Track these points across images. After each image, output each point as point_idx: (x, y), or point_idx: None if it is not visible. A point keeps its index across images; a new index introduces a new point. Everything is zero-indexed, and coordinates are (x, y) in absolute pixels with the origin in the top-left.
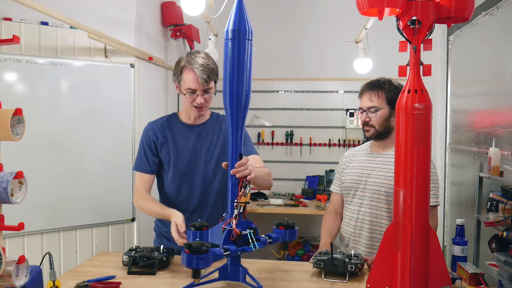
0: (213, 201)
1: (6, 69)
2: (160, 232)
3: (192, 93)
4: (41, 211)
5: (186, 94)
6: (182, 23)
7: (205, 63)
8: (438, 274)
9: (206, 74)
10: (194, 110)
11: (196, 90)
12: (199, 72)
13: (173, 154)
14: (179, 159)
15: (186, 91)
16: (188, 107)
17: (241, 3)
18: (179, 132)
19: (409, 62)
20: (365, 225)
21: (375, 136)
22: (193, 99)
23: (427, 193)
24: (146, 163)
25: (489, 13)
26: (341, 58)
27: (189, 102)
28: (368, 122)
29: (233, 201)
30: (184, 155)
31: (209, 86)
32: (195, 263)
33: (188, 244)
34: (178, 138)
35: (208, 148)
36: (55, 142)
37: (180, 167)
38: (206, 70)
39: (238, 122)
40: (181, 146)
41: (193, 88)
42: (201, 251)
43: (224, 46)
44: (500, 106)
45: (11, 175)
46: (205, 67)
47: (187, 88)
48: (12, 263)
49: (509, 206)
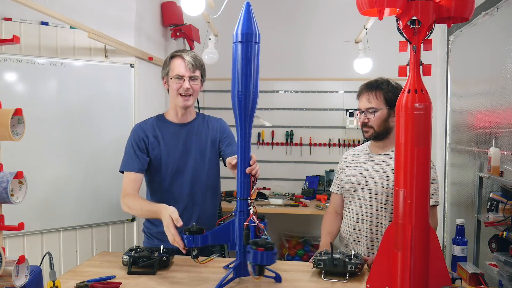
0: (202, 199)
1: (6, 69)
2: (150, 233)
3: (179, 79)
4: (41, 211)
5: (173, 80)
6: (182, 23)
7: (193, 54)
8: (438, 274)
9: (193, 61)
10: (180, 99)
11: (183, 76)
12: (187, 57)
13: (164, 153)
14: (169, 157)
15: (174, 77)
16: (174, 97)
17: (249, 7)
18: (169, 130)
19: (409, 62)
20: (365, 225)
21: (374, 136)
22: (179, 86)
23: (427, 193)
24: (135, 162)
25: (489, 13)
26: (341, 58)
27: (175, 89)
28: (367, 123)
29: (246, 199)
30: (175, 153)
31: (195, 74)
32: (266, 259)
33: (254, 241)
34: (168, 136)
35: (198, 146)
36: (55, 142)
37: (171, 165)
38: (193, 58)
39: (246, 122)
40: (171, 144)
41: (181, 74)
42: (270, 248)
43: (233, 48)
44: (500, 106)
45: (11, 175)
46: (192, 56)
47: (174, 75)
48: (12, 263)
49: (509, 206)
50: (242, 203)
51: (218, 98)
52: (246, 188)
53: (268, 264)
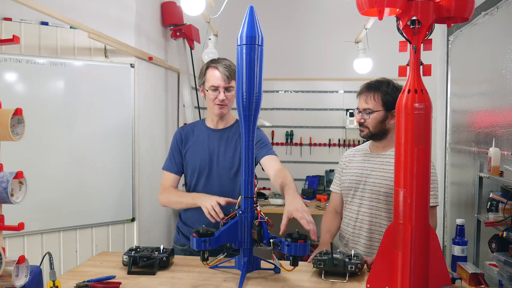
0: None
1: (6, 69)
2: (181, 231)
3: (214, 90)
4: (41, 211)
5: (209, 91)
6: (182, 23)
7: (228, 63)
8: (438, 274)
9: (228, 72)
10: (216, 108)
11: (219, 87)
12: (222, 69)
13: (193, 155)
14: (196, 159)
15: (209, 88)
16: (211, 106)
17: (253, 11)
18: (203, 135)
19: (409, 62)
20: (364, 225)
21: (368, 136)
22: (215, 96)
23: (427, 193)
24: (172, 164)
25: (489, 13)
26: (341, 58)
27: (211, 100)
28: (363, 123)
29: (251, 197)
30: (202, 156)
31: (231, 85)
32: (304, 250)
33: (289, 234)
34: (200, 140)
35: (227, 152)
36: (55, 142)
37: (198, 167)
38: (227, 68)
39: (250, 123)
40: (200, 147)
41: (216, 84)
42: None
43: (237, 51)
44: (500, 106)
45: (11, 175)
46: (227, 66)
47: (210, 85)
48: (12, 263)
49: (509, 206)
50: (247, 201)
51: None
52: (251, 187)
53: (304, 254)
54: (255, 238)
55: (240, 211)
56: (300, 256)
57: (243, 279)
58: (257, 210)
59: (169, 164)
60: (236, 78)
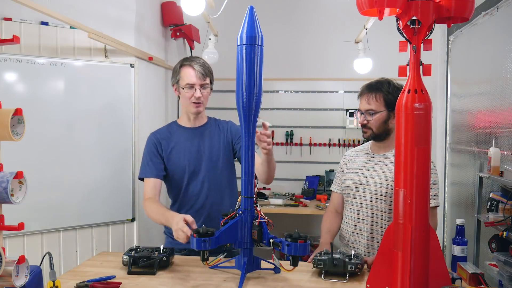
0: (219, 198)
1: (6, 69)
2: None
3: (190, 88)
4: (41, 211)
5: (184, 89)
6: (182, 23)
7: (202, 61)
8: (438, 274)
9: (203, 70)
10: (192, 106)
11: (194, 85)
12: (197, 67)
13: (178, 156)
14: (184, 160)
15: (185, 87)
16: (187, 104)
17: (253, 11)
18: (182, 135)
19: (409, 62)
20: (365, 225)
21: (372, 137)
22: (191, 94)
23: (427, 193)
24: (151, 169)
25: (489, 13)
26: (341, 58)
27: (187, 98)
28: (366, 124)
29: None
30: (190, 156)
31: (206, 82)
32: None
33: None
34: (182, 140)
35: (211, 148)
36: (55, 142)
37: (186, 168)
38: (202, 66)
39: (250, 122)
40: (185, 147)
41: (192, 82)
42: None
43: (237, 51)
44: (500, 106)
45: (11, 175)
46: (201, 64)
47: (185, 84)
48: (12, 263)
49: (509, 206)
50: (247, 201)
51: (218, 98)
52: (251, 187)
53: (304, 254)
54: (255, 238)
55: (240, 211)
56: (300, 256)
57: (243, 279)
58: (257, 210)
59: (147, 170)
60: (210, 76)
